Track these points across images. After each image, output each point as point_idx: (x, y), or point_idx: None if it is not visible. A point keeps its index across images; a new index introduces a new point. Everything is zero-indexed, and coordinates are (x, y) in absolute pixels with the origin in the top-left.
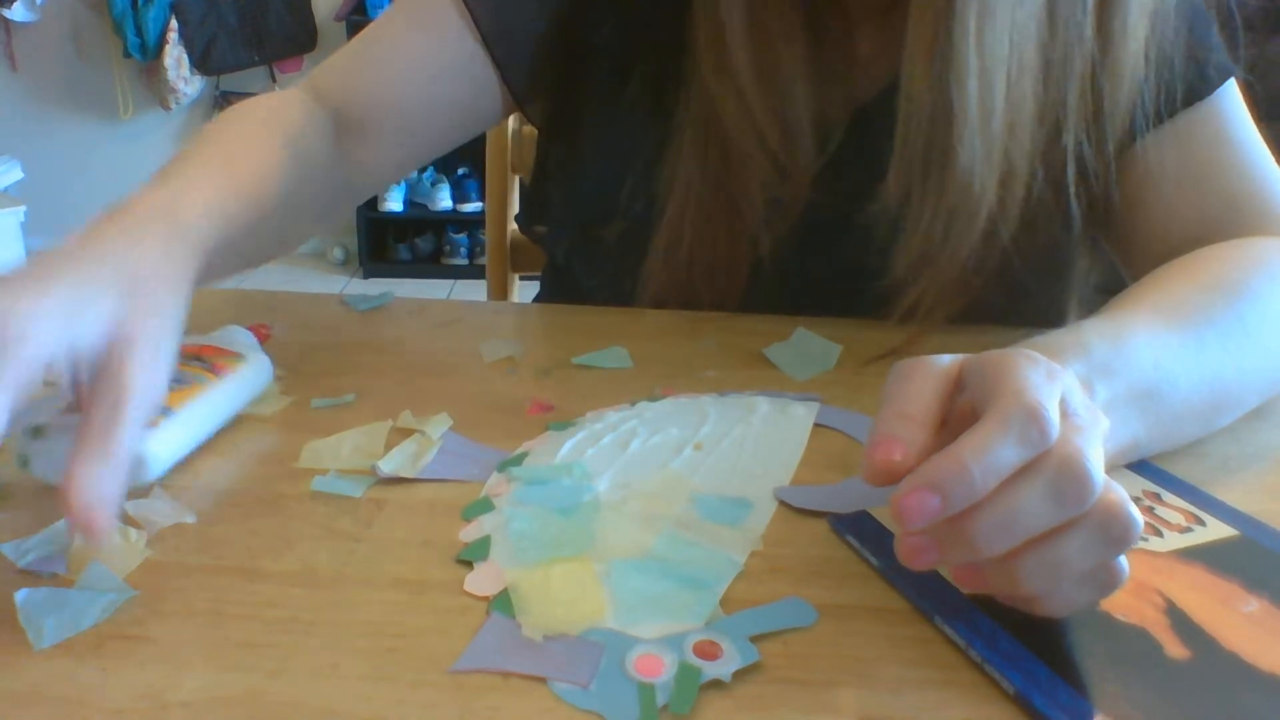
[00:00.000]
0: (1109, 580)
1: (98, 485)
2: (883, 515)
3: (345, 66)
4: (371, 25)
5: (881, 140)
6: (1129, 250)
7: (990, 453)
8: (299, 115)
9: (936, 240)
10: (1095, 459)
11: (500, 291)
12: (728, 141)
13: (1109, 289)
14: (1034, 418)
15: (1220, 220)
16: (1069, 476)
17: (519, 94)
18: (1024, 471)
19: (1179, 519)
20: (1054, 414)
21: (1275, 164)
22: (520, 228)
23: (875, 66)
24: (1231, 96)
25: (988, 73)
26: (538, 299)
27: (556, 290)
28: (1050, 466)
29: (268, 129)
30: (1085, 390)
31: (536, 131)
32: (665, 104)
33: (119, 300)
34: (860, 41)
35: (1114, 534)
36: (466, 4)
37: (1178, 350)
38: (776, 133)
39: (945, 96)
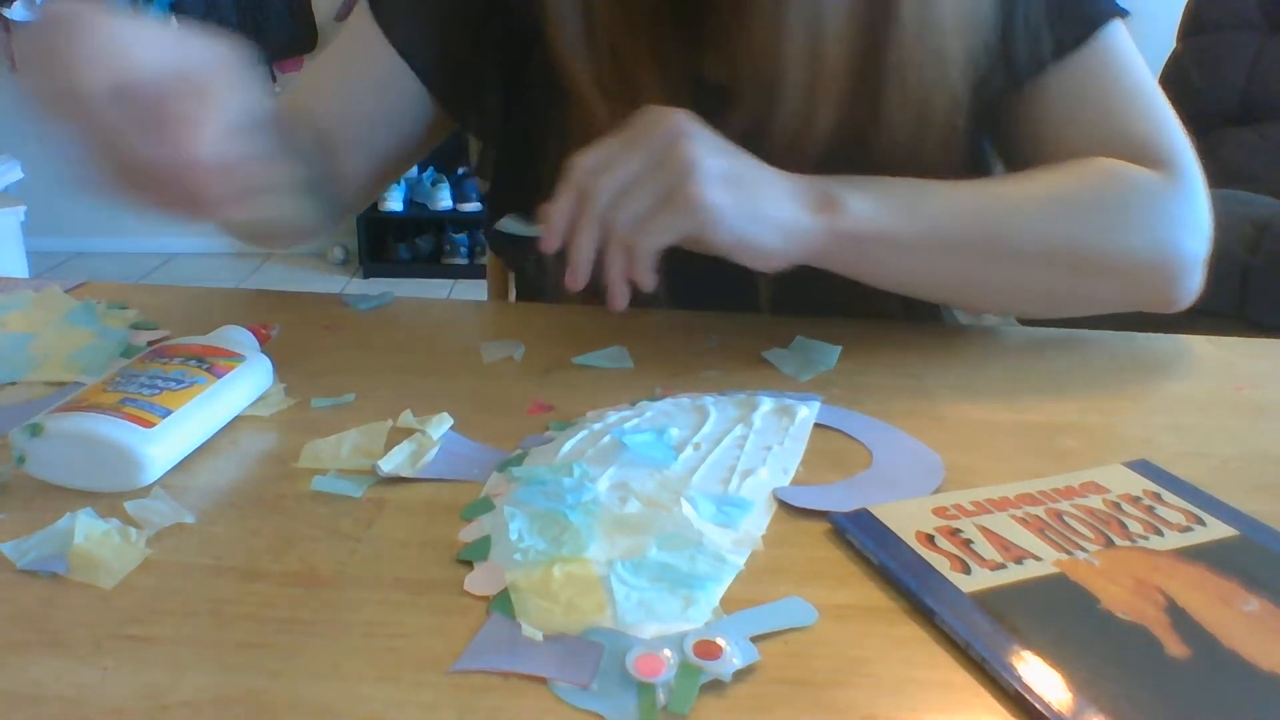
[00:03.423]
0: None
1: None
2: (883, 515)
3: (305, 84)
4: (329, 47)
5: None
6: None
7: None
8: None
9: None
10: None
11: (500, 291)
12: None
13: None
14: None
15: (1099, 154)
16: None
17: (447, 101)
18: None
19: (1179, 519)
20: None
21: (1161, 102)
22: (489, 244)
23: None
24: (1119, 35)
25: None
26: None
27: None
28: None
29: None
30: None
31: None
32: (561, 83)
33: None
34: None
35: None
36: (379, 21)
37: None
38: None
39: None
